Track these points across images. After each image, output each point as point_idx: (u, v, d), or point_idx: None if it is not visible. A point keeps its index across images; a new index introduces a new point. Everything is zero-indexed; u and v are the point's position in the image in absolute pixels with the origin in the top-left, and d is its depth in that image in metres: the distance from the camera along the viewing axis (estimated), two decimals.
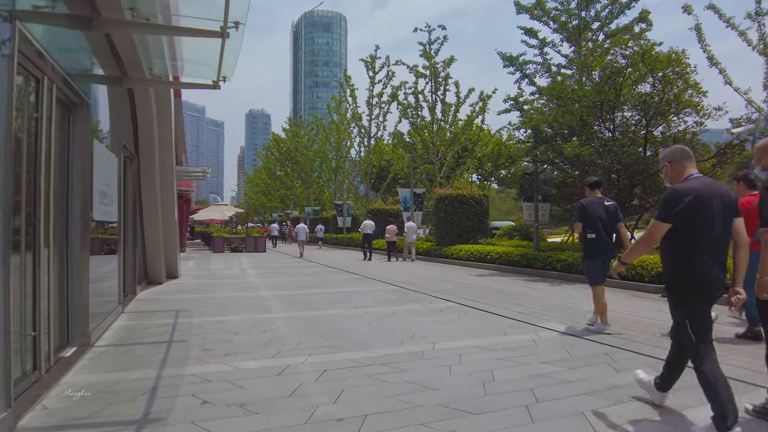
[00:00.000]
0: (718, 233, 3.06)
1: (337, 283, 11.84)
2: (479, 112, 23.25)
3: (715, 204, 3.06)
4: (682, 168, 3.30)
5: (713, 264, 3.04)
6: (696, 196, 3.05)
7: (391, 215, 28.00)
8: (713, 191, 3.10)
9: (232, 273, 14.59)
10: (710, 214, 3.05)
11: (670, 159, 3.36)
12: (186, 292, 10.09)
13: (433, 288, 10.70)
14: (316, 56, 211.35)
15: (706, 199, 3.05)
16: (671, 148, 3.41)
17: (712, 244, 3.06)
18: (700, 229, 3.04)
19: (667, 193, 3.15)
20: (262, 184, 61.39)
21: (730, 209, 3.12)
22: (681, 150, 3.34)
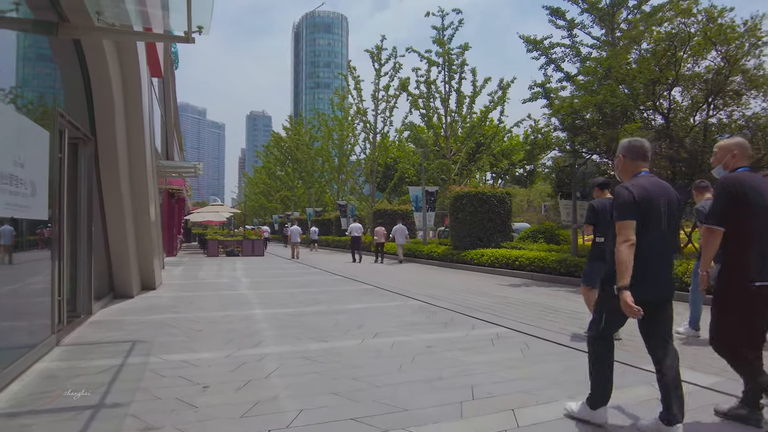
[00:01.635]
0: (665, 232, 3.11)
1: (345, 296, 9.76)
2: (498, 101, 21.12)
3: (662, 202, 3.11)
4: (635, 165, 3.32)
5: (659, 263, 3.08)
6: (645, 194, 3.08)
7: (399, 216, 25.86)
8: (661, 190, 3.15)
9: (222, 282, 12.49)
10: (658, 212, 3.09)
11: (625, 152, 3.36)
12: (158, 311, 8.00)
13: (466, 304, 8.61)
14: (317, 57, 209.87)
15: (654, 197, 3.09)
16: (628, 142, 3.38)
17: (660, 245, 3.09)
18: (648, 226, 3.06)
19: (619, 193, 3.14)
20: (262, 185, 59.37)
21: (676, 208, 3.18)
22: (638, 145, 3.33)
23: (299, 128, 45.77)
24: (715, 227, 3.24)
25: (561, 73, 18.53)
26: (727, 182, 3.27)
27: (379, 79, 29.50)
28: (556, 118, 13.39)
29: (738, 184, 3.23)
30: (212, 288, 11.17)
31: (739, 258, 3.20)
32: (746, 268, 3.16)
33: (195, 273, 15.13)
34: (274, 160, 52.62)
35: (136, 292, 9.68)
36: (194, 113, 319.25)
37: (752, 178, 3.32)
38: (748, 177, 3.29)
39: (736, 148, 3.45)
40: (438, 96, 22.37)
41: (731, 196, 3.21)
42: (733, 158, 3.45)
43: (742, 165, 3.41)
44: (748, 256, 3.17)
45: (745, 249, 3.18)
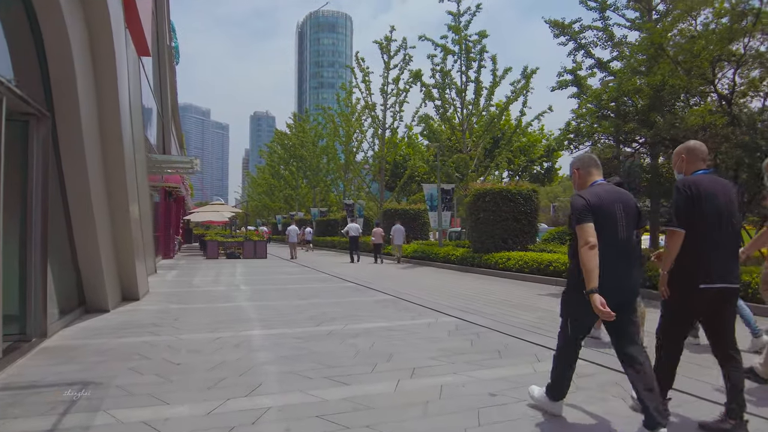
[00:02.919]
0: (622, 238, 3.13)
1: (361, 310, 8.19)
2: (520, 91, 19.46)
3: (618, 209, 3.15)
4: (589, 175, 3.39)
5: (617, 269, 3.09)
6: (599, 201, 3.12)
7: (410, 216, 24.33)
8: (615, 197, 3.20)
9: (217, 291, 10.94)
10: (613, 219, 3.13)
11: (578, 166, 3.45)
12: (133, 331, 6.44)
13: (511, 321, 7.02)
14: (321, 57, 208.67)
15: (608, 205, 3.13)
16: (579, 156, 3.51)
17: (617, 249, 3.11)
18: (604, 234, 3.07)
19: (573, 201, 3.20)
20: (265, 185, 57.90)
21: (633, 214, 3.22)
22: (588, 157, 3.45)
23: (304, 125, 44.24)
24: (676, 229, 3.26)
25: (591, 59, 17.02)
26: (681, 185, 3.31)
27: (389, 71, 27.96)
28: (594, 104, 11.77)
29: (693, 186, 3.26)
30: (205, 298, 9.61)
31: (687, 260, 3.23)
32: (693, 270, 3.20)
33: (189, 279, 13.58)
34: (278, 159, 51.15)
35: (113, 305, 8.13)
36: (198, 114, 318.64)
37: (707, 180, 3.32)
38: (703, 180, 3.32)
39: (684, 152, 3.51)
40: (454, 87, 20.76)
41: (686, 198, 3.24)
42: (684, 162, 3.51)
43: (697, 168, 3.45)
44: (696, 258, 3.21)
45: (693, 251, 3.22)
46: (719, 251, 3.22)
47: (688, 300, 3.25)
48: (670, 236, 3.29)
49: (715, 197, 3.25)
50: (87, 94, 6.70)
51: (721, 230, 3.24)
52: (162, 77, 23.75)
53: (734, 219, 3.32)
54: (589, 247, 2.97)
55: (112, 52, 7.46)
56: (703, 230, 3.22)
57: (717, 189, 3.29)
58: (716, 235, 3.23)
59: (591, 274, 2.94)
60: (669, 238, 3.30)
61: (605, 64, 16.80)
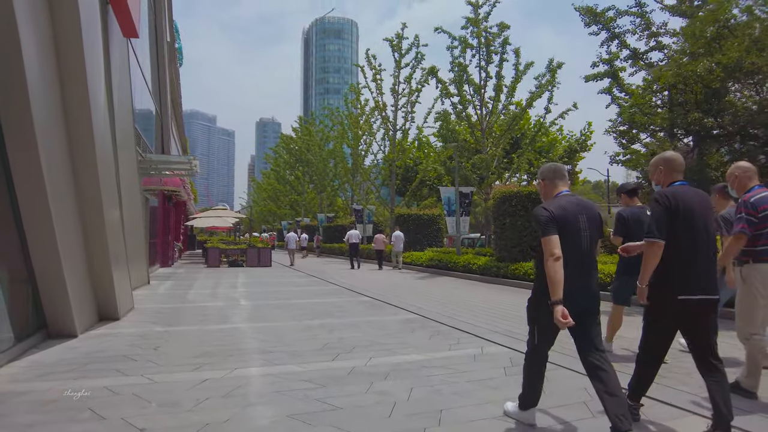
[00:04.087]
0: (584, 248, 3.18)
1: (389, 336, 6.71)
2: (545, 85, 17.95)
3: (581, 220, 3.19)
4: (554, 186, 3.41)
5: (578, 279, 3.11)
6: (563, 213, 3.15)
7: (423, 222, 22.85)
8: (579, 208, 3.23)
9: (213, 308, 9.49)
10: (576, 231, 3.16)
11: (543, 176, 3.48)
12: (95, 369, 4.99)
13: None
14: (327, 63, 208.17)
15: (572, 217, 3.16)
16: (545, 166, 3.51)
17: (579, 259, 3.14)
18: (567, 244, 3.10)
19: (538, 213, 3.21)
20: (270, 190, 56.58)
21: (596, 226, 3.26)
22: (554, 168, 3.46)
23: (310, 128, 42.91)
24: (656, 240, 3.24)
25: (626, 50, 15.59)
26: (659, 196, 3.32)
27: (400, 70, 26.56)
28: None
29: (671, 197, 3.26)
30: (197, 318, 8.16)
31: (666, 271, 3.25)
32: (673, 282, 3.22)
33: (184, 291, 12.13)
34: (283, 163, 49.84)
35: (84, 327, 6.70)
36: (204, 120, 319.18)
37: (685, 192, 3.32)
38: (680, 191, 3.32)
39: (661, 164, 3.51)
40: (472, 84, 19.30)
41: (665, 209, 3.25)
42: (660, 174, 3.51)
43: (675, 179, 3.44)
44: (675, 268, 3.23)
45: (673, 263, 3.23)
46: (698, 262, 3.23)
47: (669, 311, 3.27)
48: (649, 247, 3.28)
49: (693, 208, 3.26)
50: (41, 75, 5.30)
51: (699, 241, 3.24)
52: (161, 75, 22.46)
53: (711, 230, 3.32)
54: (554, 259, 3.03)
55: (78, 31, 6.06)
56: (682, 242, 3.23)
57: (694, 200, 3.30)
58: (695, 247, 3.24)
59: (555, 286, 2.99)
60: (648, 249, 3.28)
61: (642, 55, 15.44)
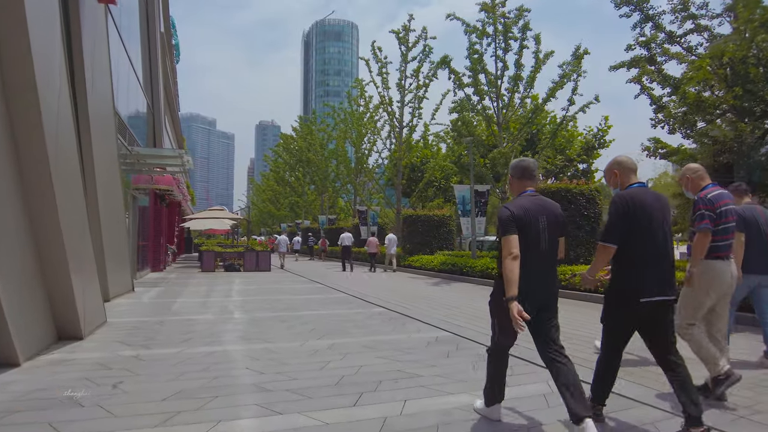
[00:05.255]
0: (544, 249, 3.22)
1: (415, 361, 5.25)
2: (568, 74, 16.50)
3: (541, 221, 3.22)
4: (522, 183, 3.44)
5: (537, 277, 3.20)
6: (524, 213, 3.19)
7: (433, 223, 21.37)
8: (541, 209, 3.26)
9: (201, 322, 8.03)
10: (536, 231, 3.20)
11: (513, 173, 3.49)
12: (22, 421, 3.54)
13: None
14: (327, 65, 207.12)
15: (532, 217, 3.20)
16: (516, 163, 3.51)
17: (538, 259, 3.20)
18: (527, 244, 3.16)
19: (500, 212, 3.29)
20: (270, 192, 55.16)
21: (557, 226, 3.29)
22: (524, 166, 3.45)
23: (311, 126, 41.49)
24: (607, 245, 3.30)
25: (663, 33, 14.19)
26: (617, 199, 3.34)
27: (406, 64, 25.19)
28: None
29: (628, 201, 3.29)
30: (181, 336, 6.68)
31: (626, 273, 3.30)
32: (633, 285, 3.25)
33: (171, 300, 10.66)
34: (283, 165, 48.41)
35: (32, 352, 5.23)
36: (204, 123, 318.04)
37: (642, 194, 3.35)
38: (637, 193, 3.34)
39: (616, 167, 3.55)
40: (488, 75, 17.87)
41: (621, 213, 3.28)
42: (616, 177, 3.54)
43: (631, 181, 3.46)
44: (635, 270, 3.26)
45: (633, 263, 3.27)
46: (657, 265, 3.27)
47: (629, 313, 3.30)
48: (600, 250, 3.35)
49: (651, 211, 3.29)
50: None
51: (657, 243, 3.28)
52: (154, 67, 21.04)
53: (668, 230, 3.35)
54: (512, 258, 3.09)
55: None
56: (641, 244, 3.26)
57: (652, 202, 3.32)
58: (653, 249, 3.27)
59: (511, 284, 3.06)
60: (599, 252, 3.36)
61: (679, 39, 14.06)
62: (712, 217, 3.96)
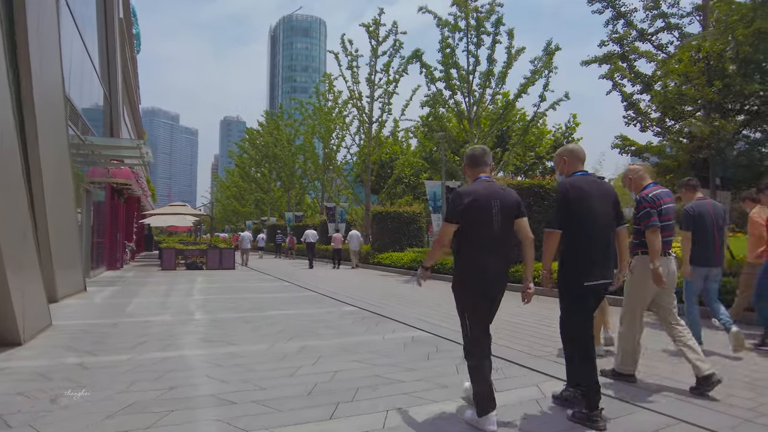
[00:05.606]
0: (497, 233, 3.23)
1: (395, 366, 4.83)
2: (540, 70, 16.37)
3: (494, 205, 3.22)
4: (476, 170, 3.47)
5: (494, 262, 3.23)
6: (475, 198, 3.22)
7: (403, 220, 21.02)
8: (492, 193, 3.26)
9: (159, 323, 7.42)
10: (488, 214, 3.22)
11: (466, 163, 3.56)
12: None
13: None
14: (294, 61, 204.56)
15: (483, 201, 3.22)
16: (469, 152, 3.57)
17: (492, 243, 3.23)
18: (480, 228, 3.22)
19: (451, 196, 3.54)
20: (234, 188, 53.84)
21: (511, 209, 3.29)
22: (475, 155, 3.50)
23: (278, 121, 40.61)
24: (552, 230, 3.43)
25: (635, 31, 14.18)
26: (560, 187, 3.48)
27: (377, 59, 24.77)
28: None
29: (571, 188, 3.42)
30: (135, 339, 6.08)
31: (571, 259, 3.42)
32: (578, 269, 3.37)
33: (127, 300, 9.94)
34: (249, 160, 47.28)
35: None
36: (167, 118, 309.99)
37: (585, 182, 3.48)
38: (581, 181, 3.48)
39: (565, 154, 3.69)
40: (459, 69, 17.61)
41: (565, 199, 3.40)
42: (565, 164, 3.68)
43: (577, 170, 3.62)
44: (579, 256, 3.38)
45: (576, 250, 3.39)
46: (599, 249, 3.38)
47: (579, 295, 3.40)
48: (547, 236, 3.45)
49: (593, 198, 3.42)
50: None
51: (599, 229, 3.40)
52: (111, 55, 19.98)
53: (609, 217, 3.49)
54: (441, 245, 3.34)
55: None
56: (585, 230, 3.37)
57: (595, 190, 3.46)
58: (596, 233, 3.38)
59: (431, 259, 3.51)
60: (547, 238, 3.45)
61: (649, 36, 14.08)
62: (656, 213, 4.06)
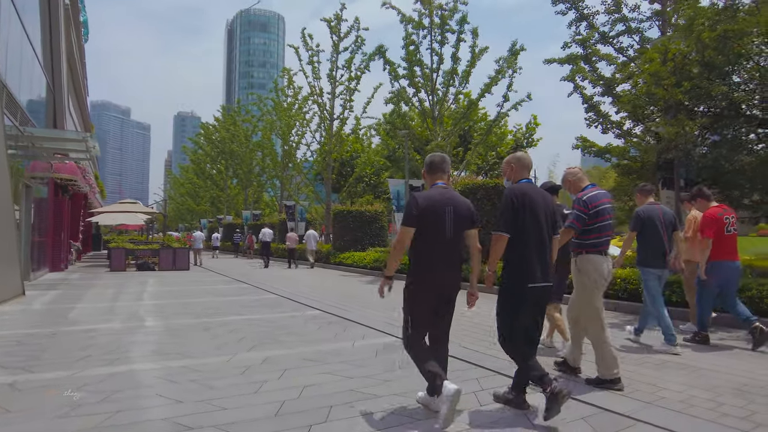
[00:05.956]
0: (449, 238, 3.44)
1: (375, 379, 4.48)
2: (503, 70, 16.32)
3: (447, 212, 3.43)
4: (432, 177, 3.67)
5: (443, 266, 3.44)
6: (430, 203, 3.42)
7: (365, 219, 20.68)
8: (447, 200, 3.48)
9: (106, 331, 6.80)
10: (441, 220, 3.42)
11: (426, 169, 3.74)
12: None
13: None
14: (251, 56, 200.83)
15: (438, 207, 3.43)
16: (430, 158, 3.74)
17: (443, 248, 3.43)
18: (433, 233, 3.42)
19: (407, 201, 3.86)
20: (189, 185, 52.07)
21: (464, 218, 3.51)
22: (434, 161, 3.68)
23: (234, 117, 39.46)
24: (501, 234, 3.53)
25: (596, 33, 14.31)
26: (509, 193, 3.61)
27: (338, 54, 24.31)
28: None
29: (520, 194, 3.56)
30: (75, 354, 5.47)
31: (517, 261, 3.55)
32: (522, 271, 3.51)
33: (70, 306, 9.17)
34: (204, 156, 45.79)
35: None
36: (117, 112, 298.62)
37: (530, 189, 3.64)
38: (527, 188, 3.63)
39: (513, 162, 3.83)
40: (423, 67, 17.40)
41: (513, 205, 3.53)
42: (512, 171, 3.82)
43: (523, 177, 3.77)
44: (523, 260, 3.52)
45: (520, 254, 3.53)
46: (542, 253, 3.56)
47: (522, 297, 3.52)
48: (495, 240, 3.54)
49: (538, 205, 3.56)
50: None
51: (540, 234, 3.56)
52: (55, 42, 18.75)
53: (550, 223, 3.64)
54: (401, 249, 3.48)
55: None
56: (529, 235, 3.52)
57: (538, 197, 3.60)
58: (539, 239, 3.55)
59: (391, 265, 3.57)
60: (494, 241, 3.54)
61: (611, 39, 14.27)
62: (582, 218, 4.22)
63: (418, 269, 3.48)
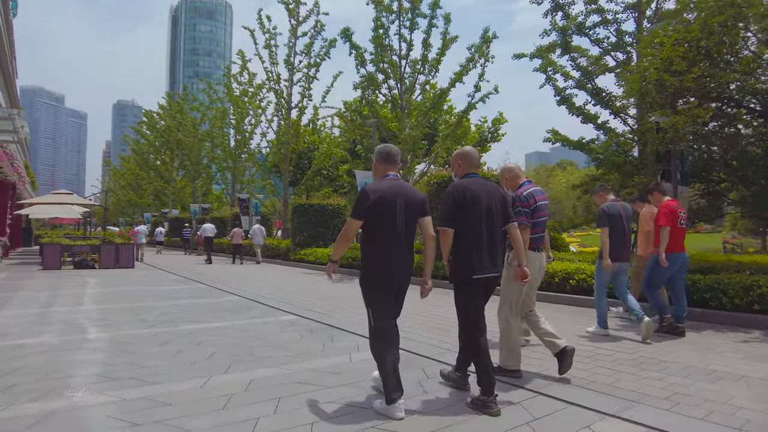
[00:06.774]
0: (400, 230, 3.47)
1: (353, 395, 3.56)
2: (474, 58, 15.60)
3: (398, 203, 3.45)
4: (383, 169, 3.66)
5: (396, 258, 3.46)
6: (381, 195, 3.42)
7: (327, 214, 19.57)
8: (397, 191, 3.48)
9: (38, 347, 5.51)
10: (393, 212, 3.44)
11: (377, 157, 3.71)
12: None
13: None
14: (197, 44, 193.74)
15: (389, 199, 3.43)
16: (380, 147, 3.73)
17: (395, 240, 3.46)
18: (385, 225, 3.43)
19: (358, 193, 3.67)
20: (131, 176, 49.00)
21: (414, 208, 3.54)
22: (387, 152, 3.68)
23: (181, 104, 37.23)
24: (446, 228, 3.62)
25: (573, 25, 13.95)
26: (452, 188, 3.69)
27: (296, 39, 23.04)
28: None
29: (461, 190, 3.64)
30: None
31: (462, 254, 3.62)
32: (467, 263, 3.58)
33: None
34: (147, 146, 43.09)
35: None
36: (51, 99, 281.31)
37: (474, 184, 3.68)
38: (471, 183, 3.69)
39: (460, 158, 3.90)
40: (393, 53, 16.49)
41: (454, 201, 3.62)
42: (459, 167, 3.89)
43: (470, 172, 3.84)
44: (468, 252, 3.58)
45: (466, 246, 3.60)
46: (487, 246, 3.60)
47: (469, 287, 3.62)
48: (442, 234, 3.63)
49: (481, 198, 3.62)
50: None
51: (486, 227, 3.61)
52: None
53: (494, 216, 3.66)
54: (346, 239, 3.53)
55: None
56: (473, 228, 3.59)
57: (482, 192, 3.65)
58: (483, 232, 3.59)
59: (338, 252, 3.61)
60: (441, 236, 3.63)
61: (587, 31, 13.98)
62: (527, 213, 4.27)
63: (371, 262, 3.50)
